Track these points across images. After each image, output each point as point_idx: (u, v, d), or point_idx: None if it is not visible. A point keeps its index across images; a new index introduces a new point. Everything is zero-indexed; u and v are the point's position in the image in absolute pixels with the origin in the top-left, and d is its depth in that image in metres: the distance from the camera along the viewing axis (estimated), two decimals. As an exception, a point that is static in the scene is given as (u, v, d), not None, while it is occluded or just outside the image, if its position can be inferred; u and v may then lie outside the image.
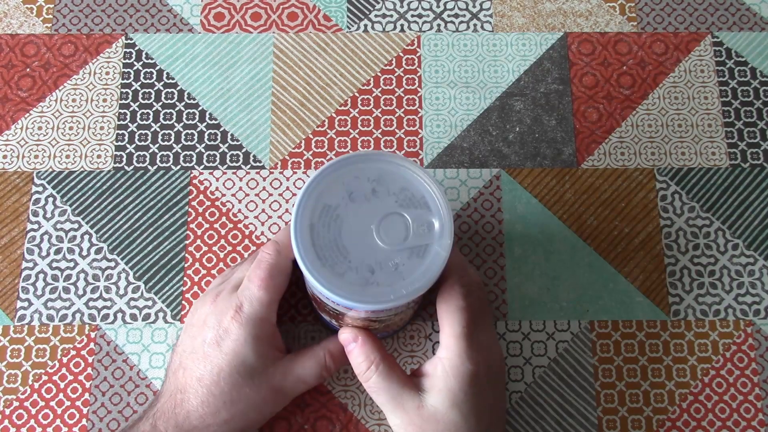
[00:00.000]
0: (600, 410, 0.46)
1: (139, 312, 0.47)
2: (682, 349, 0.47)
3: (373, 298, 0.33)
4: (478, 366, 0.37)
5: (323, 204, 0.35)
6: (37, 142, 0.50)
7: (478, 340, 0.38)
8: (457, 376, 0.37)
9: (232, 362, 0.38)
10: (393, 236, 0.34)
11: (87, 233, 0.48)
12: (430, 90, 0.52)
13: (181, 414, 0.38)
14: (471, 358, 0.37)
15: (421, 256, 0.34)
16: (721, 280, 0.48)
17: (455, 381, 0.37)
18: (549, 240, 0.49)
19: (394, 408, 0.38)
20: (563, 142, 0.51)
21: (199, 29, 0.53)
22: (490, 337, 0.40)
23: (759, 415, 0.45)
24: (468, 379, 0.37)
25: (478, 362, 0.38)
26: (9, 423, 0.45)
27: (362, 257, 0.34)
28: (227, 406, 0.38)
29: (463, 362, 0.37)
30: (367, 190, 0.35)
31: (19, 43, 0.52)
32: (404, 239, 0.34)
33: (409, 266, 0.34)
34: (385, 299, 0.33)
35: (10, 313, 0.47)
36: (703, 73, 0.52)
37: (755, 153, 0.50)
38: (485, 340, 0.39)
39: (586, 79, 0.52)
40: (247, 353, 0.38)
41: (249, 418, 0.39)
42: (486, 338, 0.39)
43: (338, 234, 0.34)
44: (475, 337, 0.38)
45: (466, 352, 0.37)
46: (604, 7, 0.54)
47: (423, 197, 0.35)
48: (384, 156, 0.36)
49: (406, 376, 0.39)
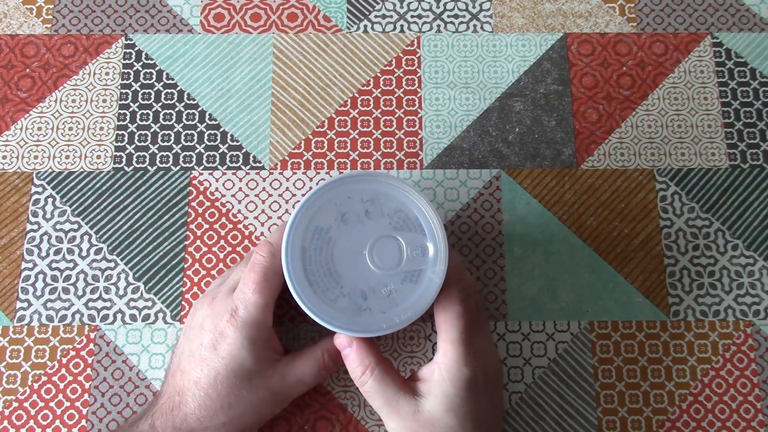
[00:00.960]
0: (600, 411, 0.46)
1: (138, 313, 0.47)
2: (681, 349, 0.47)
3: (365, 327, 0.33)
4: (476, 372, 0.37)
5: (315, 226, 0.35)
6: (36, 143, 0.50)
7: (476, 346, 0.38)
8: (454, 381, 0.37)
9: (229, 365, 0.38)
10: (386, 260, 0.34)
11: (87, 234, 0.48)
12: (429, 90, 0.52)
13: (179, 416, 0.38)
14: (468, 364, 0.37)
15: (415, 282, 0.34)
16: (720, 281, 0.48)
17: (452, 386, 0.37)
18: (549, 240, 0.49)
19: (389, 412, 0.38)
20: (563, 142, 0.51)
21: (198, 30, 0.53)
22: (487, 342, 0.40)
23: (759, 416, 0.45)
24: (465, 385, 0.37)
25: (476, 368, 0.37)
26: (8, 424, 0.45)
27: (355, 282, 0.34)
28: (224, 410, 0.38)
29: (460, 368, 0.37)
30: (361, 211, 0.35)
31: (19, 43, 0.52)
32: (398, 264, 0.34)
33: (402, 292, 0.34)
34: (377, 328, 0.33)
35: (10, 314, 0.47)
36: (703, 73, 0.52)
37: (755, 154, 0.50)
38: (482, 346, 0.39)
39: (586, 79, 0.52)
40: (244, 356, 0.38)
41: (247, 420, 0.39)
42: (483, 343, 0.39)
43: (330, 258, 0.34)
44: (472, 343, 0.38)
45: (463, 358, 0.37)
46: (604, 8, 0.54)
47: (417, 219, 0.35)
48: (378, 176, 0.36)
49: (402, 381, 0.39)
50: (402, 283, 0.34)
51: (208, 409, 0.38)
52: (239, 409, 0.39)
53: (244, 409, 0.39)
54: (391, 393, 0.38)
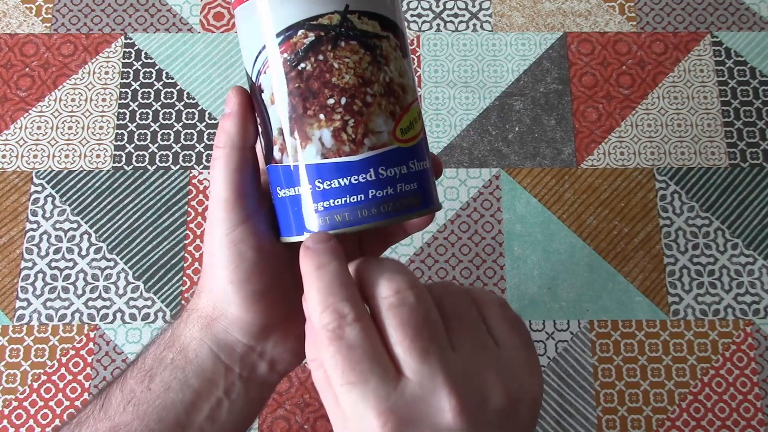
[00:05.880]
0: (600, 410, 0.46)
1: (138, 312, 0.47)
2: (681, 348, 0.47)
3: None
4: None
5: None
6: (36, 142, 0.50)
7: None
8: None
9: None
10: None
11: (86, 233, 0.48)
12: (429, 89, 0.52)
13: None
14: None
15: None
16: (720, 280, 0.48)
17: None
18: (549, 240, 0.49)
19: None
20: (563, 141, 0.51)
21: (198, 29, 0.53)
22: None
23: (758, 415, 0.45)
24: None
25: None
26: (8, 423, 0.45)
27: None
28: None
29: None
30: None
31: (18, 42, 0.52)
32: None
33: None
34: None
35: (9, 313, 0.47)
36: (703, 72, 0.52)
37: (754, 153, 0.50)
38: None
39: (586, 78, 0.52)
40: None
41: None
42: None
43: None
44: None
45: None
46: (604, 7, 0.54)
47: None
48: None
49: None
50: None
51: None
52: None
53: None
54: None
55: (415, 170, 0.27)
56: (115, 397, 0.30)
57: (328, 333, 0.23)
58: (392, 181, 0.26)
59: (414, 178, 0.26)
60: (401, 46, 0.27)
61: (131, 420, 0.29)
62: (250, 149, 0.28)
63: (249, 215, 0.27)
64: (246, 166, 0.28)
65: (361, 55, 0.26)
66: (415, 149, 0.27)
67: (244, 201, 0.27)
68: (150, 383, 0.29)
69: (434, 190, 0.28)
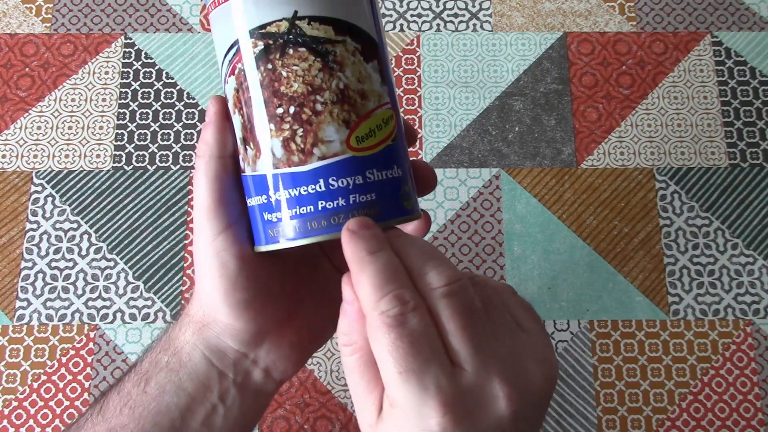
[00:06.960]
0: (600, 410, 0.46)
1: (138, 312, 0.47)
2: (681, 348, 0.47)
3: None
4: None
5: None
6: (36, 142, 0.50)
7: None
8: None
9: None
10: None
11: (86, 233, 0.48)
12: (429, 90, 0.52)
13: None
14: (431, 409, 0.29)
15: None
16: (720, 280, 0.48)
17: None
18: (549, 240, 0.49)
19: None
20: (563, 141, 0.51)
21: (198, 29, 0.53)
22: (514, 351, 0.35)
23: (758, 415, 0.45)
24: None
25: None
26: (8, 423, 0.45)
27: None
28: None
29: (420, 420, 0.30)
30: None
31: (18, 42, 0.52)
32: None
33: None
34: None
35: (9, 313, 0.47)
36: (703, 72, 0.52)
37: (754, 153, 0.50)
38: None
39: (586, 78, 0.52)
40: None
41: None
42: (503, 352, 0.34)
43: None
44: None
45: (415, 408, 0.29)
46: (604, 7, 0.54)
47: None
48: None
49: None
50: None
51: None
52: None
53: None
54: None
55: (374, 180, 0.25)
56: (113, 400, 0.30)
57: (389, 319, 0.23)
58: (344, 191, 0.25)
59: (372, 188, 0.25)
60: (363, 50, 0.26)
61: (127, 422, 0.29)
62: (230, 157, 0.28)
63: (231, 223, 0.27)
64: (226, 174, 0.28)
65: (310, 62, 0.25)
66: (376, 158, 0.26)
67: (225, 209, 0.27)
68: (146, 386, 0.29)
69: (407, 199, 0.27)
